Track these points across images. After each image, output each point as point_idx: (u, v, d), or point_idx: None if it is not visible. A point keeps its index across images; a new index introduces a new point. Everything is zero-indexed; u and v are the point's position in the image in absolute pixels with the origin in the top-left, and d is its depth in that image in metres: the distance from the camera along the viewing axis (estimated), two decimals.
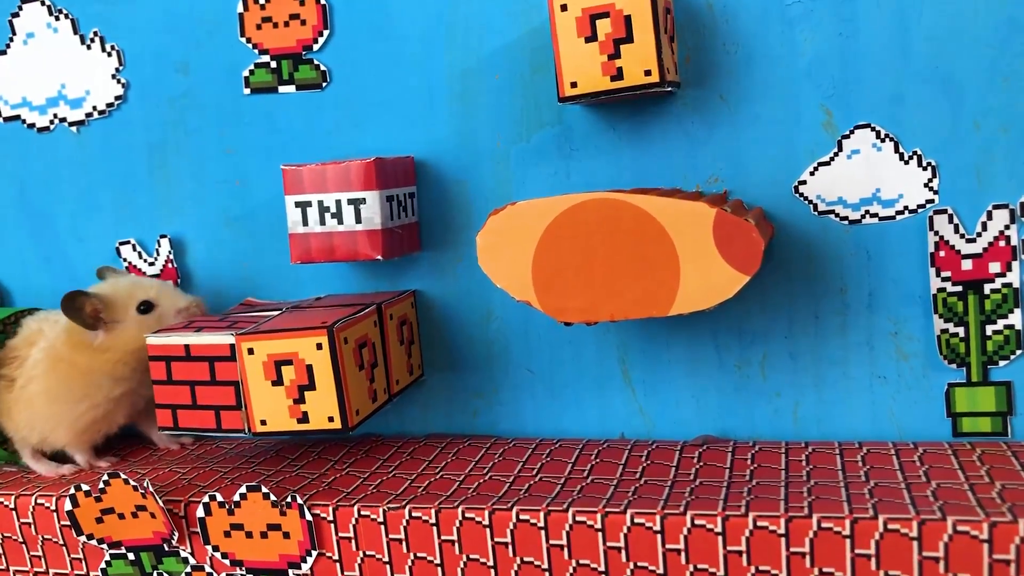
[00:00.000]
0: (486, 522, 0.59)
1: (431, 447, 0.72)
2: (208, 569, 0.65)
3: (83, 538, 0.66)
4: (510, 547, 0.59)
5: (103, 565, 0.68)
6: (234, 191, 0.78)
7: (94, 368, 0.71)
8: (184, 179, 0.79)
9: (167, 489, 0.67)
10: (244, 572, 0.64)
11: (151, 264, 0.80)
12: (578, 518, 0.58)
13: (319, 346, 0.62)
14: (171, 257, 0.79)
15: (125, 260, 0.81)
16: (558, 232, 0.59)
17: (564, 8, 0.62)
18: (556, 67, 0.63)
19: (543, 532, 0.58)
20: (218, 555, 0.64)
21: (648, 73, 0.61)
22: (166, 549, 0.66)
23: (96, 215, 0.82)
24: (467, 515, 0.60)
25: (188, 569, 0.66)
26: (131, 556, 0.67)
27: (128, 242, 0.81)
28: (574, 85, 0.63)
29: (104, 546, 0.67)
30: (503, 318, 0.74)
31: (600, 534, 0.58)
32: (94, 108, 0.80)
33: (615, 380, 0.72)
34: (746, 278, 0.57)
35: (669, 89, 0.63)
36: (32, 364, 0.72)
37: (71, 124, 0.81)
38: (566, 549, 0.58)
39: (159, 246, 0.80)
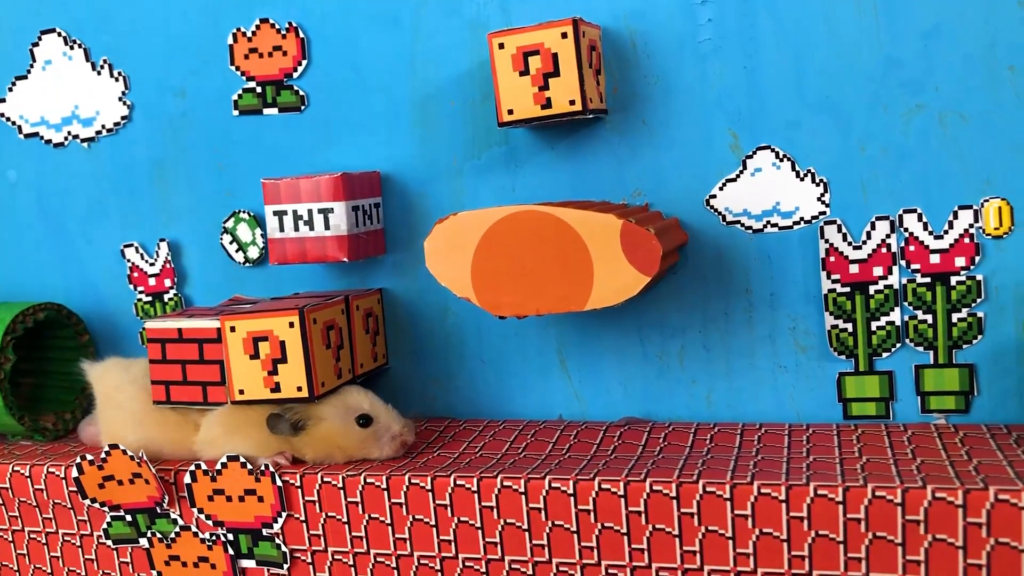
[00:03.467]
0: (429, 487, 0.69)
1: None
2: (194, 529, 0.76)
3: (87, 501, 0.77)
4: (449, 508, 0.69)
5: (104, 526, 0.78)
6: (225, 201, 0.88)
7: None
8: (181, 190, 0.89)
9: (160, 460, 0.78)
10: (225, 531, 0.75)
11: (151, 264, 0.91)
12: (505, 483, 0.68)
13: (291, 324, 0.72)
14: (169, 258, 0.90)
15: (129, 261, 0.91)
16: (493, 239, 0.69)
17: (502, 46, 0.72)
18: (496, 97, 0.73)
19: (476, 496, 0.68)
20: (203, 516, 0.75)
21: (572, 103, 0.71)
22: (158, 511, 0.76)
23: (104, 221, 0.92)
24: (413, 481, 0.70)
25: (177, 529, 0.76)
26: (128, 518, 0.77)
27: (132, 245, 0.91)
28: (511, 112, 0.73)
29: (106, 509, 0.77)
30: (459, 314, 0.84)
31: (523, 497, 0.67)
32: (103, 127, 0.91)
33: (554, 369, 0.82)
34: (647, 279, 0.66)
35: (591, 116, 0.72)
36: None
37: (83, 140, 0.91)
38: (495, 510, 0.68)
39: (159, 249, 0.90)
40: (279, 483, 0.72)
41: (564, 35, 0.70)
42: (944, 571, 0.60)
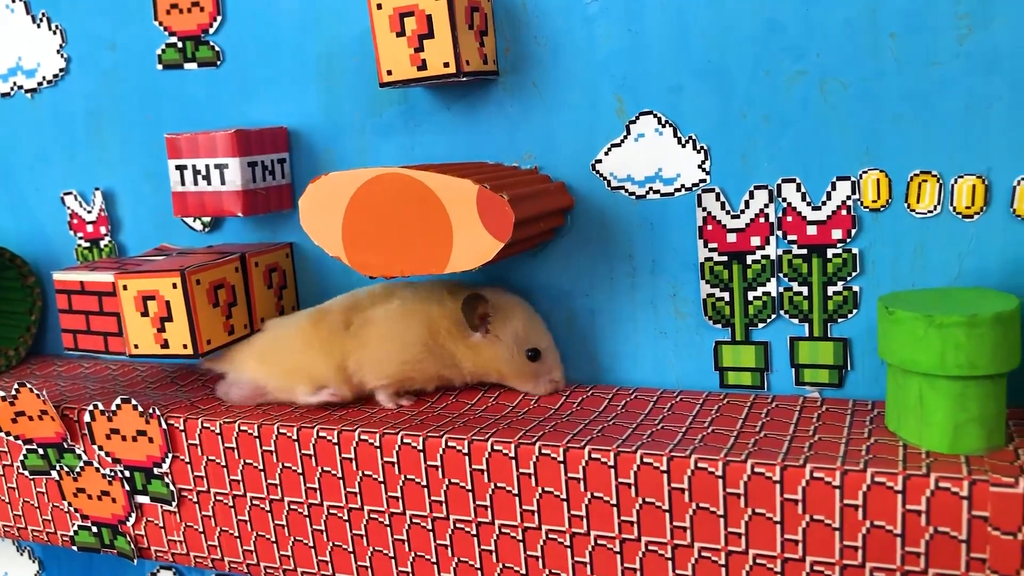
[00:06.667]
0: (295, 437, 0.72)
1: None
2: (96, 465, 0.80)
3: (3, 434, 0.82)
4: (313, 458, 0.72)
5: (21, 457, 0.83)
6: (153, 152, 0.91)
7: (457, 355, 0.76)
8: (115, 141, 0.93)
9: (72, 399, 0.82)
10: (122, 468, 0.79)
11: (89, 212, 0.95)
12: (363, 437, 0.70)
13: (175, 285, 0.75)
14: (104, 207, 0.94)
15: (69, 208, 0.96)
16: (361, 200, 0.70)
17: (379, 7, 0.73)
18: (375, 57, 0.74)
19: (336, 447, 0.71)
20: (102, 453, 0.79)
21: (447, 65, 0.72)
22: (65, 447, 0.81)
23: (48, 169, 0.96)
24: (281, 431, 0.73)
25: (81, 464, 0.81)
26: (41, 451, 0.82)
27: (71, 192, 0.95)
28: (389, 73, 0.74)
29: (20, 442, 0.82)
30: None
31: (379, 451, 0.70)
32: (44, 78, 0.94)
33: None
34: (501, 244, 0.67)
35: (465, 80, 0.73)
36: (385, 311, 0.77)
37: (27, 91, 0.95)
38: (354, 462, 0.71)
39: (95, 197, 0.94)
40: (164, 426, 0.76)
41: None
42: (763, 544, 0.61)
